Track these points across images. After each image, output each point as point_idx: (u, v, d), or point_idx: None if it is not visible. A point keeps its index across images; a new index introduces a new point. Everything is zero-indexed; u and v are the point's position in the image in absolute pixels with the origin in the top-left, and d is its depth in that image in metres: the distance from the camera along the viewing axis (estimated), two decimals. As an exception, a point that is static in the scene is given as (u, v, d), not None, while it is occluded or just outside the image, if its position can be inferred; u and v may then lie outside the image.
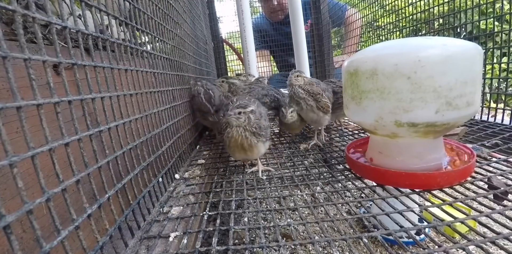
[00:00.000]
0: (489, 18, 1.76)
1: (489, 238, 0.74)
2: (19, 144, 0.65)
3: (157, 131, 1.21)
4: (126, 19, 1.02)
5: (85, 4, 0.77)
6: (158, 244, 0.85)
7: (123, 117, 0.91)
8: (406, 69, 0.90)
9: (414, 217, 1.07)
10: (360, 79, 1.01)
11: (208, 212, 1.02)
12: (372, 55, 0.98)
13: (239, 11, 3.01)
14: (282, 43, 4.06)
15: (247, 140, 1.26)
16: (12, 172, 0.46)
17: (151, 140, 1.14)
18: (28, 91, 0.55)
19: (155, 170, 1.16)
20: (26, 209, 0.48)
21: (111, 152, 0.81)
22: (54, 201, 0.55)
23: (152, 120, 1.19)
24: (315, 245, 0.79)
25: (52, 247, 0.52)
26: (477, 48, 0.94)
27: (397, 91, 0.93)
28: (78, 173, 0.64)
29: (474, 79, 0.94)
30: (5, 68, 0.48)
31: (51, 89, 0.58)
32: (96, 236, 0.67)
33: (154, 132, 1.18)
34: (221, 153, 1.78)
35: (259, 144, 1.31)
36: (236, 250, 0.81)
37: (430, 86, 0.89)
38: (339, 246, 1.54)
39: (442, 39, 0.94)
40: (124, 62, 0.98)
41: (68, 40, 0.68)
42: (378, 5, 2.85)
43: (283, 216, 1.78)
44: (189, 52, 2.20)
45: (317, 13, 3.78)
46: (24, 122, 0.50)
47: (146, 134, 1.09)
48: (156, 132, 1.20)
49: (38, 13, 0.56)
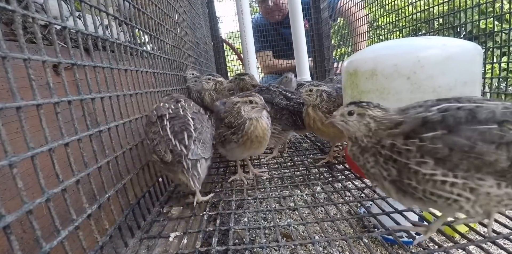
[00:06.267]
0: (489, 17, 1.76)
1: (489, 238, 0.74)
2: (19, 144, 0.65)
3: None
4: (125, 19, 1.03)
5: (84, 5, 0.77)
6: (158, 244, 0.85)
7: (123, 117, 0.91)
8: (405, 69, 0.90)
9: (414, 217, 1.07)
10: (360, 79, 1.02)
11: (208, 212, 1.02)
12: (372, 55, 0.99)
13: (239, 11, 3.01)
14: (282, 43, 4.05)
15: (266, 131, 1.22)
16: (11, 172, 0.46)
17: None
18: (27, 91, 0.55)
19: (155, 170, 1.16)
20: (26, 209, 0.48)
21: (111, 152, 0.81)
22: (54, 201, 0.55)
23: (152, 120, 1.19)
24: (315, 245, 0.79)
25: (52, 247, 0.52)
26: (476, 48, 0.94)
27: (396, 91, 0.93)
28: (78, 173, 0.64)
29: (474, 80, 0.94)
30: (5, 68, 0.48)
31: (51, 89, 0.58)
32: (96, 236, 0.67)
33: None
34: (220, 153, 1.78)
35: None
36: (236, 250, 0.81)
37: (429, 86, 0.90)
38: (339, 246, 1.54)
39: (442, 39, 0.95)
40: (124, 62, 0.98)
41: (68, 40, 0.68)
42: (378, 5, 2.84)
43: (283, 216, 1.78)
44: (189, 52, 2.20)
45: (317, 13, 3.78)
46: (24, 123, 0.50)
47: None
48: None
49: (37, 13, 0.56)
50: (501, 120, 0.59)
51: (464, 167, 0.59)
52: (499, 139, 0.57)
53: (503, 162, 0.57)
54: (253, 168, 1.41)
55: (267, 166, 1.53)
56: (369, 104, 0.74)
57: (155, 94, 1.27)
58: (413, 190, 0.64)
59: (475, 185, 0.59)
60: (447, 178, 0.60)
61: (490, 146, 0.57)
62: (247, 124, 1.17)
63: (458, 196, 0.60)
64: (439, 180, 0.60)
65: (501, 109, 0.60)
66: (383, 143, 0.68)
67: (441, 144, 0.60)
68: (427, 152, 0.61)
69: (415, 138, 0.63)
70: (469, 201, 0.61)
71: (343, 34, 3.79)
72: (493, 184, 0.59)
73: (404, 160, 0.63)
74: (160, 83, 1.37)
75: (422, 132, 0.62)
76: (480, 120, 0.59)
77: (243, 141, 1.19)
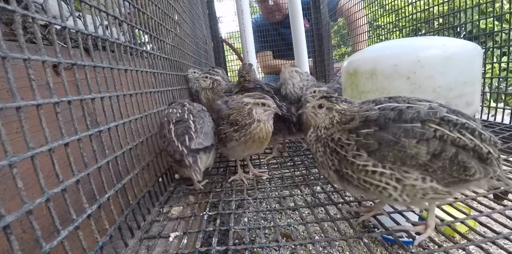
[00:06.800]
0: (489, 17, 1.76)
1: (489, 238, 0.74)
2: (19, 144, 0.65)
3: (157, 130, 1.21)
4: (125, 20, 1.03)
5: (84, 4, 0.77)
6: (158, 244, 0.85)
7: (123, 117, 0.91)
8: (405, 69, 0.90)
9: (414, 217, 1.07)
10: (360, 79, 1.02)
11: (208, 212, 1.02)
12: (372, 55, 0.99)
13: (239, 11, 3.01)
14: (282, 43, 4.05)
15: (270, 133, 1.22)
16: (11, 172, 0.46)
17: (151, 140, 1.15)
18: (27, 91, 0.55)
19: (155, 170, 1.16)
20: (26, 209, 0.48)
21: (111, 152, 0.81)
22: (54, 201, 0.55)
23: (152, 120, 1.19)
24: (315, 245, 0.79)
25: (52, 247, 0.52)
26: (476, 48, 0.94)
27: (396, 91, 0.93)
28: (78, 173, 0.64)
29: (474, 79, 0.95)
30: (5, 68, 0.48)
31: (51, 89, 0.58)
32: (96, 236, 0.67)
33: (154, 131, 1.18)
34: (221, 153, 1.78)
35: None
36: (236, 250, 0.81)
37: (429, 86, 0.90)
38: (339, 246, 1.54)
39: (442, 39, 0.95)
40: (124, 62, 0.98)
41: (68, 40, 0.68)
42: (377, 5, 2.84)
43: (283, 216, 1.78)
44: (189, 52, 2.20)
45: (317, 13, 3.78)
46: (23, 123, 0.50)
47: (146, 134, 1.09)
48: (156, 132, 1.20)
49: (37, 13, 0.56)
50: (424, 120, 0.68)
51: (391, 158, 0.68)
52: (420, 135, 0.66)
53: (423, 156, 0.66)
54: (253, 168, 1.41)
55: (267, 166, 1.53)
56: (337, 99, 0.82)
57: (155, 94, 1.27)
58: (351, 178, 0.75)
59: (401, 176, 0.68)
60: (377, 168, 0.69)
61: (412, 141, 0.66)
62: (254, 125, 1.17)
63: (386, 184, 0.70)
64: (370, 170, 0.70)
65: (426, 110, 0.69)
66: (333, 137, 0.78)
67: (372, 139, 0.69)
68: (361, 146, 0.71)
69: (354, 133, 0.73)
70: (396, 189, 0.70)
71: (343, 34, 3.79)
72: (418, 178, 0.68)
73: (344, 153, 0.74)
74: (160, 83, 1.37)
75: (361, 128, 0.72)
76: (406, 119, 0.68)
77: (245, 140, 1.19)
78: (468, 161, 0.67)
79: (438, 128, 0.67)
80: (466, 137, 0.67)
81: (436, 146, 0.66)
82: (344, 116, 0.78)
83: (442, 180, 0.68)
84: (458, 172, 0.67)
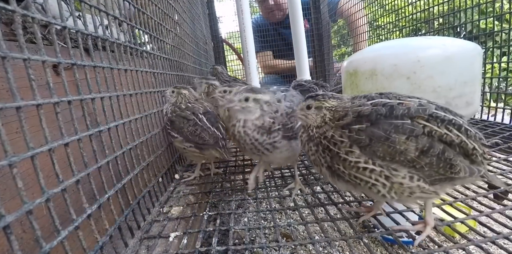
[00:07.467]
0: (489, 17, 1.76)
1: (489, 237, 0.74)
2: (19, 144, 0.65)
3: (157, 130, 1.21)
4: (125, 19, 1.03)
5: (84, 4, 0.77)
6: (158, 244, 0.85)
7: (123, 117, 0.91)
8: (405, 69, 0.90)
9: (414, 216, 1.07)
10: (360, 79, 1.02)
11: (208, 212, 1.02)
12: (371, 55, 0.99)
13: (239, 11, 3.00)
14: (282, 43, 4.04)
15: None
16: (11, 172, 0.46)
17: (151, 140, 1.15)
18: (27, 91, 0.55)
19: (155, 170, 1.16)
20: (26, 209, 0.48)
21: (111, 152, 0.81)
22: (54, 201, 0.55)
23: (152, 120, 1.19)
24: (315, 245, 0.79)
25: (52, 247, 0.52)
26: (476, 48, 0.94)
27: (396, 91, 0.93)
28: (78, 173, 0.64)
29: (474, 79, 0.95)
30: (5, 68, 0.48)
31: (51, 89, 0.58)
32: (96, 236, 0.67)
33: (154, 131, 1.18)
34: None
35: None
36: (236, 250, 0.81)
37: (429, 86, 0.90)
38: (339, 246, 1.54)
39: (442, 39, 0.95)
40: (124, 62, 0.98)
41: (68, 40, 0.68)
42: (377, 5, 2.84)
43: (283, 216, 1.78)
44: (189, 52, 2.20)
45: (317, 13, 3.77)
46: (23, 123, 0.50)
47: (146, 134, 1.09)
48: (156, 132, 1.20)
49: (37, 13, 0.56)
50: (414, 116, 0.69)
51: (381, 154, 0.70)
52: (409, 132, 0.68)
53: (412, 152, 0.68)
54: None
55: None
56: (324, 97, 0.82)
57: (155, 94, 1.27)
58: (342, 174, 0.77)
59: (389, 174, 0.70)
60: (368, 165, 0.71)
61: (402, 137, 0.68)
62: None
63: (376, 181, 0.72)
64: (362, 166, 0.72)
65: (416, 107, 0.70)
66: (326, 134, 0.78)
67: (364, 135, 0.71)
68: (353, 141, 0.72)
69: (347, 128, 0.74)
70: (385, 186, 0.72)
71: (343, 34, 3.79)
72: (406, 176, 0.70)
73: (336, 150, 0.75)
74: (160, 83, 1.37)
75: (353, 123, 0.73)
76: (396, 115, 0.69)
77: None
78: (454, 158, 0.69)
79: (426, 124, 0.68)
80: (453, 132, 0.69)
81: (424, 142, 0.67)
82: (337, 113, 0.78)
83: (428, 178, 0.70)
84: (444, 169, 0.69)
